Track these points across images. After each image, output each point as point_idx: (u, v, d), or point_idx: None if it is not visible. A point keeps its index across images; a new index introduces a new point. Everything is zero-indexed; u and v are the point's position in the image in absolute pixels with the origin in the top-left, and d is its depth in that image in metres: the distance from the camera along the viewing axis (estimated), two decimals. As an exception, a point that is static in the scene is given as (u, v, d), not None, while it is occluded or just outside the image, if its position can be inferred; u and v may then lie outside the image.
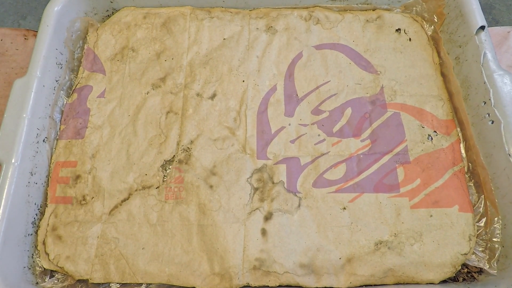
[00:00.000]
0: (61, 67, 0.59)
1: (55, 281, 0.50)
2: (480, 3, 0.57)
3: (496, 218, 0.49)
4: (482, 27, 0.55)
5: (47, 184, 0.54)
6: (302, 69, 0.60)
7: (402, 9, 0.65)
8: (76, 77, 0.61)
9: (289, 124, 0.57)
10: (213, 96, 0.59)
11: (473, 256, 0.49)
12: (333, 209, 0.51)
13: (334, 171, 0.54)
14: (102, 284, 0.50)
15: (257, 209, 0.52)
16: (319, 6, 0.65)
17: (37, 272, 0.50)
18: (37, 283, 0.49)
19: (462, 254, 0.49)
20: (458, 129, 0.56)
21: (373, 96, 0.58)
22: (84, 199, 0.53)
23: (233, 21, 0.64)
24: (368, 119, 0.57)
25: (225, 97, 0.59)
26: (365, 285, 0.49)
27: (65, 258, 0.50)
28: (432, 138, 0.55)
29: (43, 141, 0.54)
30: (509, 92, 0.51)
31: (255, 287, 0.49)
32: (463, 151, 0.55)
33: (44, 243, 0.51)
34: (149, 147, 0.56)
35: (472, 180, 0.54)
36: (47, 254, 0.50)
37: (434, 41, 0.62)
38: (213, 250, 0.50)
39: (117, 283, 0.49)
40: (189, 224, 0.51)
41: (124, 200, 0.53)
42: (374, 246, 0.49)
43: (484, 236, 0.50)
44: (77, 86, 0.60)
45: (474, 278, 0.49)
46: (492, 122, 0.51)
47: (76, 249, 0.50)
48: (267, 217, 0.51)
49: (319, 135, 0.56)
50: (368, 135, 0.56)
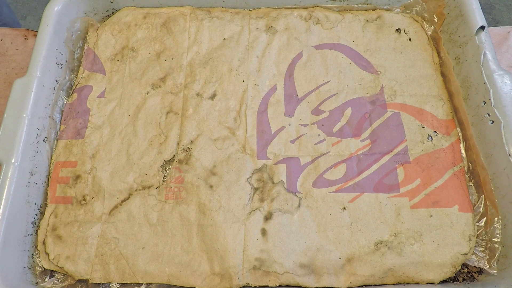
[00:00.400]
0: (61, 67, 0.59)
1: (55, 281, 0.50)
2: (480, 3, 0.57)
3: (496, 218, 0.49)
4: (482, 27, 0.55)
5: (47, 184, 0.54)
6: (302, 69, 0.60)
7: (402, 9, 0.65)
8: (76, 77, 0.61)
9: (289, 124, 0.57)
10: (213, 96, 0.59)
11: (473, 256, 0.49)
12: (333, 209, 0.51)
13: (334, 171, 0.54)
14: (102, 284, 0.50)
15: (257, 209, 0.52)
16: (319, 6, 0.65)
17: (37, 272, 0.50)
18: (37, 283, 0.49)
19: (462, 254, 0.49)
20: (458, 129, 0.56)
21: (373, 96, 0.58)
22: (84, 199, 0.53)
23: (233, 21, 0.64)
24: (368, 119, 0.57)
25: (225, 97, 0.59)
26: (365, 285, 0.49)
27: (65, 258, 0.50)
28: (432, 138, 0.55)
29: (43, 141, 0.54)
30: (509, 92, 0.51)
31: (255, 287, 0.49)
32: (463, 151, 0.55)
33: (44, 243, 0.51)
34: (149, 147, 0.56)
35: (472, 180, 0.54)
36: (47, 254, 0.50)
37: (434, 41, 0.62)
38: (213, 250, 0.50)
39: (117, 283, 0.49)
40: (189, 224, 0.51)
41: (124, 200, 0.53)
42: (374, 246, 0.49)
43: (484, 236, 0.50)
44: (77, 86, 0.60)
45: (474, 278, 0.49)
46: (492, 122, 0.51)
47: (76, 249, 0.50)
48: (267, 217, 0.51)
49: (319, 135, 0.56)
50: (368, 135, 0.56)
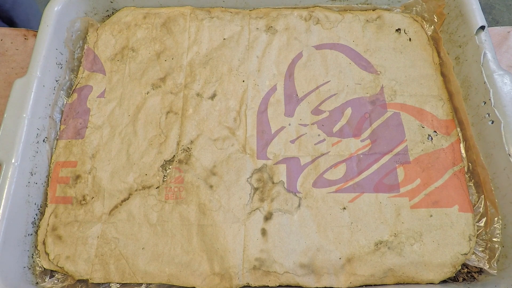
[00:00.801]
0: (61, 67, 0.59)
1: (55, 281, 0.50)
2: (480, 3, 0.57)
3: (496, 218, 0.49)
4: (482, 27, 0.55)
5: (47, 184, 0.54)
6: (302, 69, 0.60)
7: (402, 9, 0.65)
8: (76, 77, 0.61)
9: (289, 124, 0.57)
10: (213, 96, 0.59)
11: (473, 256, 0.49)
12: (333, 209, 0.51)
13: (334, 171, 0.54)
14: (102, 284, 0.50)
15: (257, 209, 0.52)
16: (319, 6, 0.65)
17: (37, 272, 0.50)
18: (37, 283, 0.49)
19: (462, 254, 0.49)
20: (458, 129, 0.56)
21: (373, 96, 0.58)
22: (84, 199, 0.53)
23: (233, 21, 0.64)
24: (368, 119, 0.57)
25: (225, 97, 0.59)
26: (365, 285, 0.49)
27: (65, 258, 0.50)
28: (432, 138, 0.55)
29: (43, 141, 0.54)
30: (509, 92, 0.51)
31: (255, 287, 0.49)
32: (463, 151, 0.55)
33: (44, 243, 0.51)
34: (149, 147, 0.56)
35: (472, 180, 0.54)
36: (47, 254, 0.50)
37: (434, 41, 0.62)
38: (213, 250, 0.50)
39: (117, 283, 0.49)
40: (189, 224, 0.51)
41: (124, 200, 0.53)
42: (374, 246, 0.49)
43: (484, 236, 0.50)
44: (77, 86, 0.60)
45: (474, 278, 0.49)
46: (492, 122, 0.51)
47: (76, 249, 0.50)
48: (267, 217, 0.51)
49: (319, 135, 0.56)
50: (368, 135, 0.56)
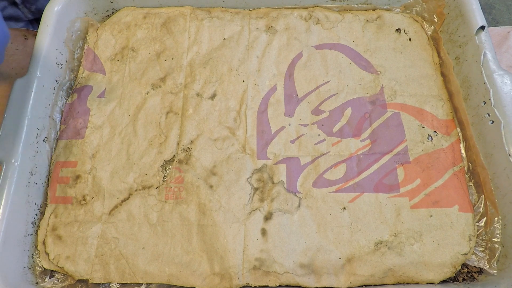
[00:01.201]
0: (61, 67, 0.59)
1: (55, 281, 0.50)
2: (480, 3, 0.57)
3: (496, 218, 0.49)
4: (482, 27, 0.55)
5: (47, 184, 0.54)
6: (302, 69, 0.60)
7: (402, 9, 0.65)
8: (76, 77, 0.61)
9: (289, 124, 0.57)
10: (213, 96, 0.59)
11: (473, 256, 0.49)
12: (333, 209, 0.51)
13: (334, 171, 0.54)
14: (102, 284, 0.50)
15: (257, 209, 0.52)
16: (319, 6, 0.65)
17: (37, 272, 0.50)
18: (37, 283, 0.49)
19: (462, 254, 0.49)
20: (458, 129, 0.56)
21: (373, 96, 0.58)
22: (84, 199, 0.53)
23: (233, 21, 0.64)
24: (368, 119, 0.57)
25: (225, 97, 0.59)
26: (365, 285, 0.49)
27: (65, 258, 0.50)
28: (432, 138, 0.55)
29: (43, 141, 0.54)
30: (509, 92, 0.51)
31: (255, 287, 0.49)
32: (463, 151, 0.55)
33: (44, 243, 0.51)
34: (149, 147, 0.56)
35: (472, 180, 0.54)
36: (47, 254, 0.50)
37: (434, 41, 0.62)
38: (213, 250, 0.50)
39: (117, 283, 0.49)
40: (189, 224, 0.51)
41: (124, 200, 0.53)
42: (374, 246, 0.49)
43: (484, 236, 0.50)
44: (77, 86, 0.60)
45: (474, 278, 0.49)
46: (492, 122, 0.51)
47: (76, 249, 0.50)
48: (267, 217, 0.51)
49: (319, 135, 0.56)
50: (368, 135, 0.56)
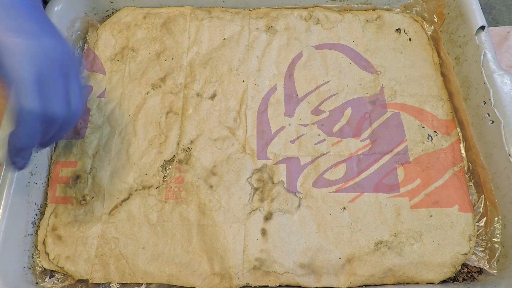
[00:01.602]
0: (61, 67, 0.59)
1: (55, 281, 0.50)
2: (480, 3, 0.57)
3: (496, 218, 0.49)
4: (482, 27, 0.55)
5: (47, 184, 0.54)
6: (302, 69, 0.60)
7: (402, 9, 0.65)
8: (76, 77, 0.61)
9: (289, 124, 0.57)
10: (213, 96, 0.59)
11: (473, 256, 0.49)
12: (333, 209, 0.51)
13: (334, 171, 0.54)
14: (102, 284, 0.50)
15: (257, 209, 0.52)
16: (319, 6, 0.65)
17: (37, 272, 0.50)
18: (37, 283, 0.49)
19: (462, 254, 0.49)
20: (458, 129, 0.56)
21: (373, 96, 0.58)
22: (84, 199, 0.53)
23: (233, 21, 0.64)
24: (368, 119, 0.57)
25: (225, 97, 0.59)
26: (365, 285, 0.49)
27: (65, 258, 0.50)
28: (432, 138, 0.55)
29: (43, 141, 0.54)
30: (509, 92, 0.51)
31: (255, 287, 0.49)
32: (463, 151, 0.55)
33: (44, 243, 0.51)
34: (149, 147, 0.56)
35: (472, 180, 0.54)
36: (47, 254, 0.50)
37: (434, 41, 0.62)
38: (213, 250, 0.50)
39: (117, 283, 0.49)
40: (189, 224, 0.51)
41: (124, 200, 0.53)
42: (374, 246, 0.49)
43: (484, 236, 0.50)
44: (77, 86, 0.60)
45: (474, 278, 0.49)
46: (492, 122, 0.51)
47: (76, 249, 0.50)
48: (267, 217, 0.51)
49: (319, 135, 0.56)
50: (368, 135, 0.56)
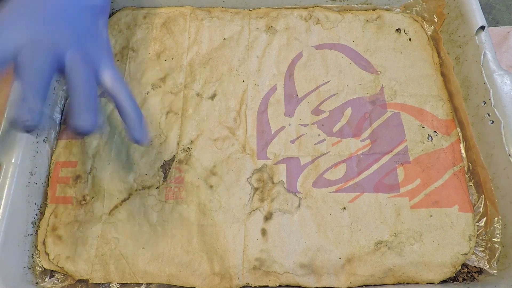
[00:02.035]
0: (61, 67, 0.59)
1: (55, 281, 0.50)
2: (480, 3, 0.57)
3: (496, 218, 0.49)
4: (482, 27, 0.55)
5: (47, 184, 0.54)
6: (302, 69, 0.60)
7: (402, 9, 0.65)
8: (76, 77, 0.61)
9: (289, 124, 0.57)
10: (213, 96, 0.59)
11: (473, 256, 0.49)
12: (333, 209, 0.51)
13: (334, 171, 0.54)
14: (102, 284, 0.50)
15: (257, 209, 0.52)
16: (319, 6, 0.65)
17: (37, 272, 0.50)
18: (37, 283, 0.49)
19: (462, 254, 0.49)
20: (458, 129, 0.56)
21: (373, 96, 0.58)
22: (84, 199, 0.53)
23: (233, 21, 0.64)
24: (368, 119, 0.57)
25: (225, 97, 0.59)
26: (365, 285, 0.49)
27: (65, 258, 0.50)
28: (432, 138, 0.55)
29: (43, 141, 0.54)
30: (509, 92, 0.51)
31: (255, 287, 0.49)
32: (463, 151, 0.55)
33: (44, 243, 0.51)
34: (149, 147, 0.56)
35: (472, 180, 0.54)
36: (47, 254, 0.50)
37: (434, 41, 0.62)
38: (213, 250, 0.50)
39: (117, 283, 0.49)
40: (189, 224, 0.51)
41: (124, 200, 0.53)
42: (374, 246, 0.49)
43: (484, 236, 0.50)
44: (77, 86, 0.60)
45: (474, 278, 0.49)
46: (492, 122, 0.51)
47: (76, 249, 0.50)
48: (267, 217, 0.51)
49: (319, 135, 0.56)
50: (368, 135, 0.56)
